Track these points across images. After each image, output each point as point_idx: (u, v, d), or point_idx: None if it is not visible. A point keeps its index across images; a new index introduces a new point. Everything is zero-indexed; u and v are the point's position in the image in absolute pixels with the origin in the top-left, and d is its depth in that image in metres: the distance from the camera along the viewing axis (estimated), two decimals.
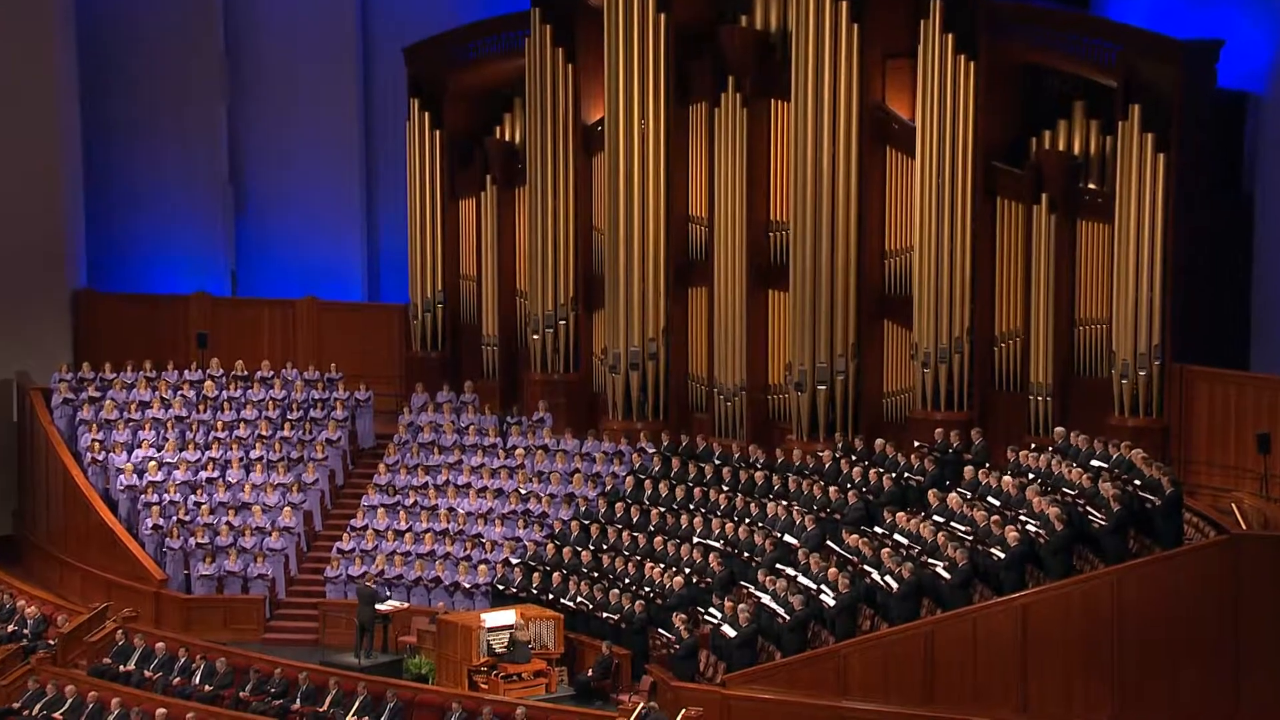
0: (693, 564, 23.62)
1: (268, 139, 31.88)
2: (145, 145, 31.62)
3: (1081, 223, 24.61)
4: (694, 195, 27.49)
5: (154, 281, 31.69)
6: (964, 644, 20.47)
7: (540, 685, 23.03)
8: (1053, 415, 24.54)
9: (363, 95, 31.89)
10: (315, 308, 30.84)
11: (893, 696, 20.69)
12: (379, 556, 25.70)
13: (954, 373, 25.23)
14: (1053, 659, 20.26)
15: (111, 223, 31.67)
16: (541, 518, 25.90)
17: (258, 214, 32.10)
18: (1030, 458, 22.49)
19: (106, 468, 27.58)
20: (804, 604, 21.50)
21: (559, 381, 28.42)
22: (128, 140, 31.63)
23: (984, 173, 25.03)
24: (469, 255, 29.87)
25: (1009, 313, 25.24)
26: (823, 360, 25.85)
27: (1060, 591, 20.31)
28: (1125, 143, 23.81)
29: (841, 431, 25.67)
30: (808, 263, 25.86)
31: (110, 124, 31.51)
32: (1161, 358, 23.83)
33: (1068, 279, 24.66)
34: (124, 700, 21.30)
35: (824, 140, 25.59)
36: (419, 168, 29.70)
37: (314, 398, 28.76)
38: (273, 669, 22.37)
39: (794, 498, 24.00)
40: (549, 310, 28.34)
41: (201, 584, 26.08)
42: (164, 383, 28.74)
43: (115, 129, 31.58)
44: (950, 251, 25.12)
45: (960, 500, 22.04)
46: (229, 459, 27.51)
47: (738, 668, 21.53)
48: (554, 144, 28.09)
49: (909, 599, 21.05)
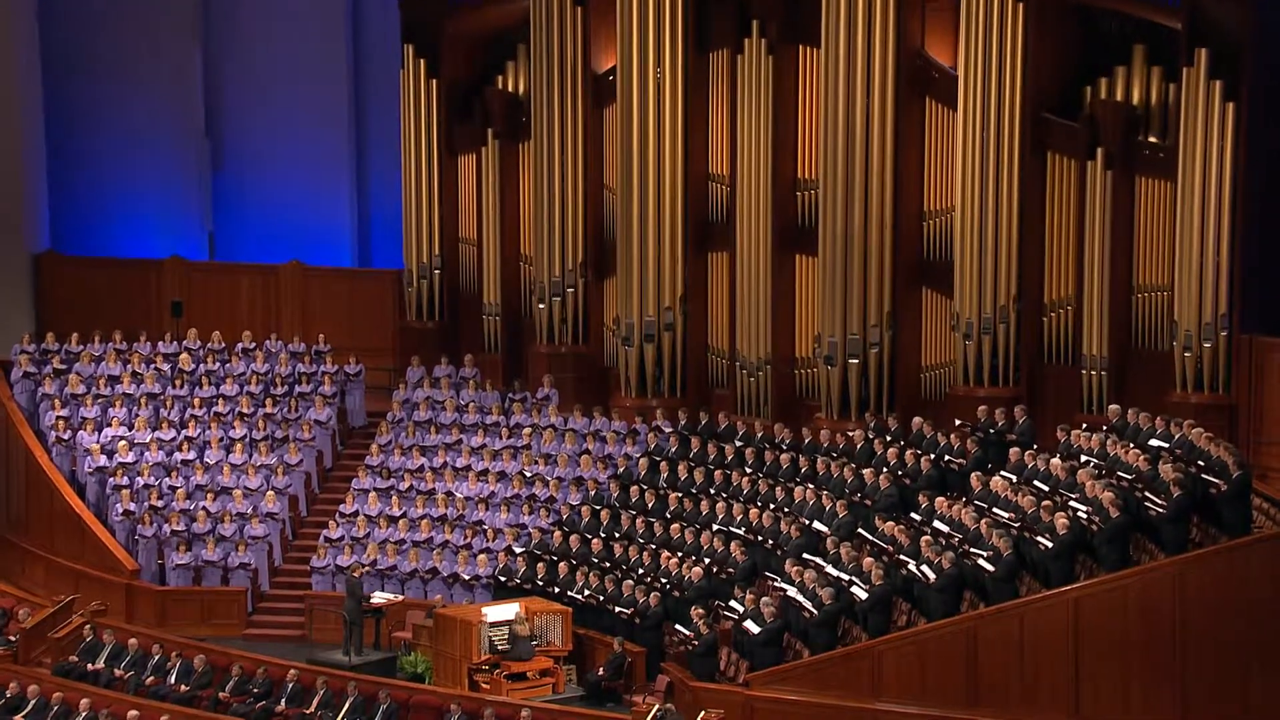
0: (713, 553, 23.63)
1: (247, 87, 31.81)
2: (112, 93, 31.58)
3: (1141, 180, 24.55)
4: (714, 151, 27.46)
5: (123, 244, 31.70)
6: (1009, 642, 20.43)
7: (546, 685, 23.06)
8: (1108, 391, 24.51)
9: (352, 40, 31.83)
10: (300, 273, 30.87)
11: (930, 699, 20.66)
12: (370, 545, 25.72)
13: (999, 345, 25.19)
14: (1107, 659, 20.21)
15: (75, 179, 31.67)
16: (548, 503, 25.92)
17: (236, 170, 32.05)
18: (1082, 438, 22.42)
19: (72, 448, 27.60)
20: (834, 597, 21.49)
21: (567, 354, 28.45)
22: (92, 88, 31.59)
23: (1033, 125, 24.96)
24: (468, 216, 29.85)
25: (1060, 279, 25.19)
26: (855, 331, 25.82)
27: (1115, 585, 20.25)
28: (1190, 91, 23.70)
29: (875, 409, 25.67)
30: (838, 225, 25.82)
31: (73, 70, 31.46)
32: (1228, 328, 23.76)
33: (1125, 241, 24.60)
34: (92, 702, 21.32)
35: (857, 90, 25.53)
36: (414, 120, 29.68)
37: (299, 372, 28.78)
38: (255, 668, 22.41)
39: (823, 481, 23.99)
40: (556, 277, 28.34)
41: (177, 575, 26.11)
42: (135, 355, 28.78)
43: (79, 75, 31.54)
44: (996, 212, 25.07)
45: (1005, 484, 22.00)
46: (207, 439, 27.53)
47: (761, 667, 21.54)
48: (561, 95, 28.04)
49: (949, 592, 21.02)
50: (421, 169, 29.74)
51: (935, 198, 25.95)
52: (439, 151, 29.68)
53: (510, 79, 29.57)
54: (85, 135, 31.72)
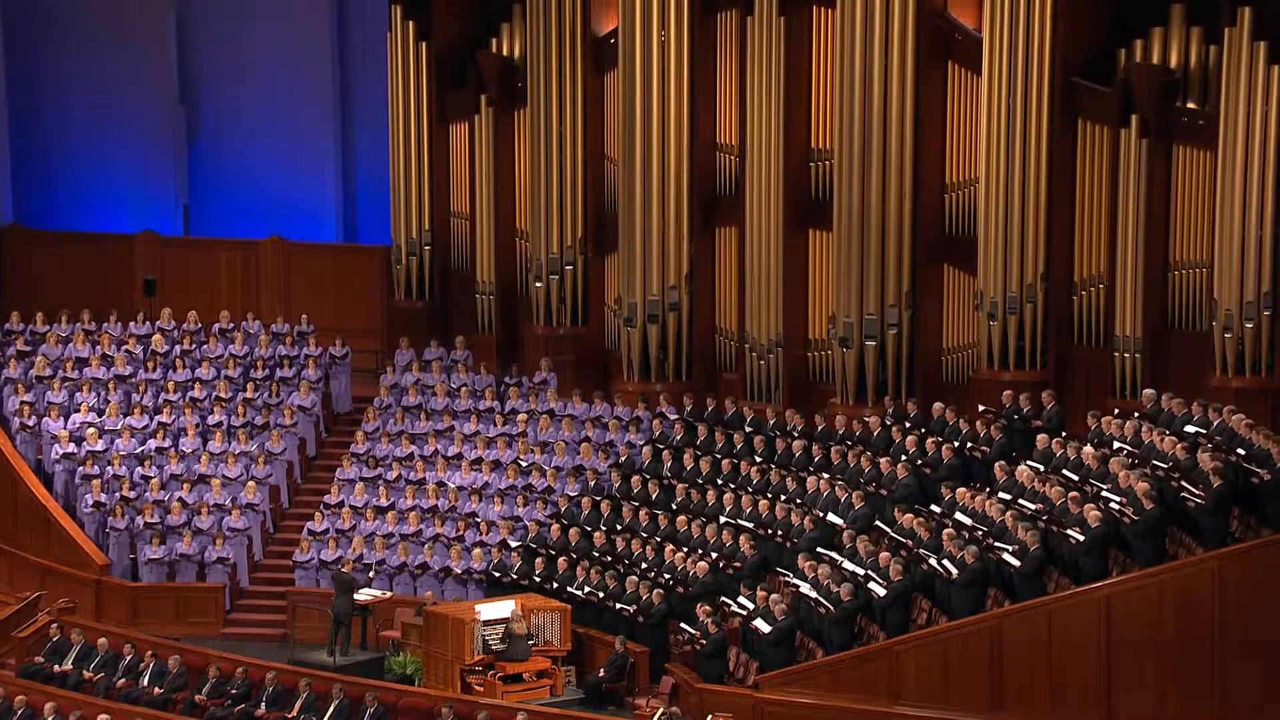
0: (720, 547, 23.65)
1: (225, 50, 31.79)
2: (81, 58, 31.56)
3: (1178, 149, 24.50)
4: (722, 119, 27.45)
5: (93, 218, 31.74)
6: (1036, 642, 20.45)
7: (544, 687, 23.11)
8: (1142, 375, 24.51)
9: (337, 1, 31.76)
10: (282, 249, 30.91)
11: (952, 702, 20.70)
12: (357, 538, 25.76)
13: (1025, 325, 25.19)
14: (1141, 661, 20.21)
15: (42, 149, 31.69)
16: (545, 494, 25.94)
17: (213, 139, 32.03)
18: (1115, 424, 22.42)
19: (38, 435, 27.64)
20: (850, 594, 21.53)
21: (565, 336, 28.47)
22: (58, 51, 31.60)
23: (1063, 91, 24.92)
24: (461, 189, 29.85)
25: (1091, 255, 25.17)
26: (872, 311, 25.82)
27: (1150, 581, 20.26)
28: (1232, 53, 23.64)
29: (893, 394, 25.68)
30: (854, 197, 25.80)
31: (36, 30, 31.40)
32: (1272, 307, 23.73)
33: (1161, 215, 24.57)
34: (59, 705, 21.36)
35: (874, 54, 25.48)
36: (402, 87, 29.68)
37: (281, 354, 28.79)
38: (233, 669, 22.46)
39: (838, 471, 24.03)
40: (554, 253, 28.34)
41: (150, 570, 26.14)
42: (105, 336, 28.78)
43: (43, 37, 31.52)
44: (1022, 183, 25.04)
45: (1032, 474, 22.00)
46: (182, 425, 27.54)
47: (772, 668, 21.59)
48: (560, 59, 28.04)
49: (972, 589, 21.05)
50: (410, 138, 29.72)
51: (958, 169, 25.93)
52: (429, 120, 29.67)
53: (505, 42, 29.54)
54: (51, 101, 31.73)
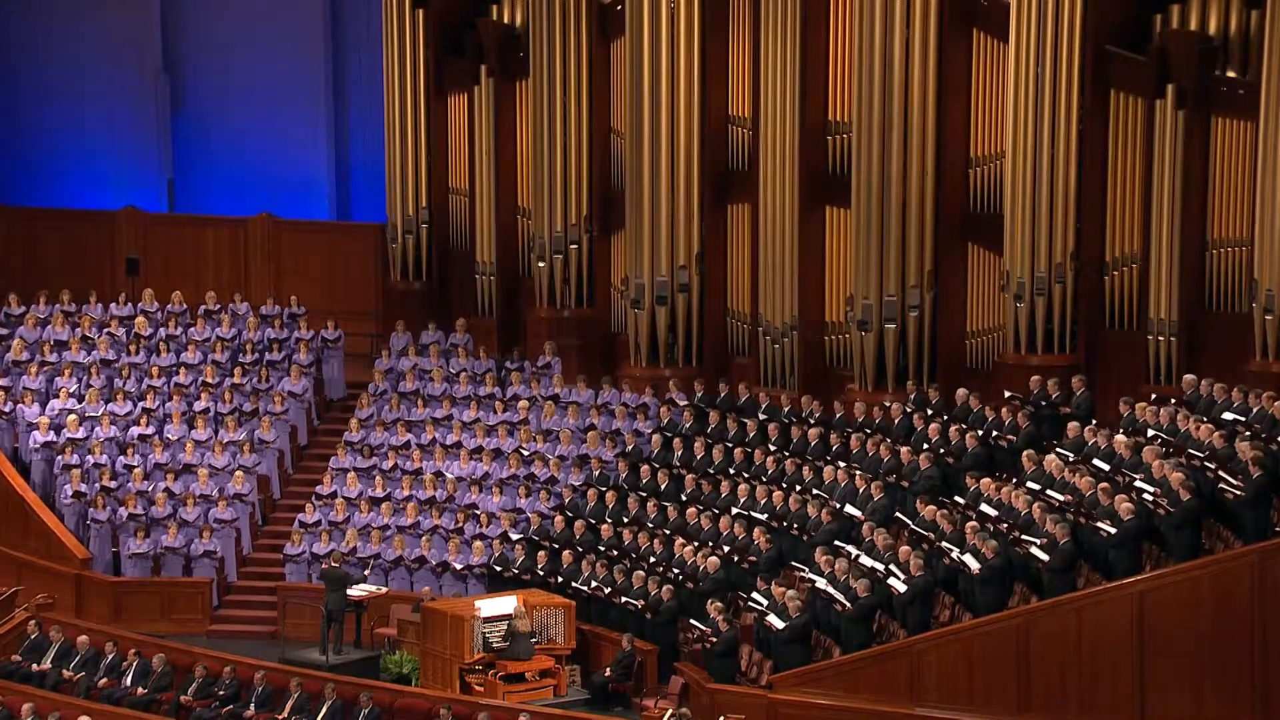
0: (732, 540, 23.64)
1: (210, 16, 31.79)
2: (57, 22, 31.55)
3: (1217, 120, 24.48)
4: (734, 90, 27.43)
5: (72, 194, 31.77)
6: (1065, 640, 20.44)
7: (547, 687, 23.13)
8: (1177, 359, 24.50)
9: None
10: (272, 227, 30.94)
11: (977, 703, 20.69)
12: (350, 531, 25.77)
13: (1054, 307, 25.15)
14: (1177, 659, 20.19)
15: (18, 121, 31.72)
16: (549, 484, 25.94)
17: (198, 111, 32.07)
18: (1149, 412, 22.42)
19: (15, 422, 27.66)
20: (868, 589, 21.51)
21: (570, 319, 28.48)
22: (34, 16, 31.59)
23: (1095, 60, 24.88)
24: (460, 164, 29.86)
25: (1124, 233, 25.14)
26: (892, 292, 25.79)
27: (1185, 576, 20.24)
28: (1274, 20, 23.55)
29: (915, 380, 25.65)
30: (874, 173, 25.76)
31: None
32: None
33: (1198, 190, 24.54)
34: (37, 706, 21.32)
35: (895, 21, 25.44)
36: (398, 56, 29.67)
37: (271, 338, 28.82)
38: (221, 668, 22.48)
39: (856, 460, 24.03)
40: (558, 232, 28.34)
41: (134, 564, 26.15)
42: (85, 318, 28.81)
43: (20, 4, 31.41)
44: (1051, 158, 24.99)
45: (1061, 464, 21.99)
46: (167, 412, 27.55)
47: (787, 667, 21.58)
48: (563, 27, 28.03)
49: (997, 584, 21.06)
50: (407, 110, 29.72)
51: (983, 142, 25.90)
52: (426, 91, 29.68)
53: (506, 9, 29.54)
54: (27, 70, 31.74)
